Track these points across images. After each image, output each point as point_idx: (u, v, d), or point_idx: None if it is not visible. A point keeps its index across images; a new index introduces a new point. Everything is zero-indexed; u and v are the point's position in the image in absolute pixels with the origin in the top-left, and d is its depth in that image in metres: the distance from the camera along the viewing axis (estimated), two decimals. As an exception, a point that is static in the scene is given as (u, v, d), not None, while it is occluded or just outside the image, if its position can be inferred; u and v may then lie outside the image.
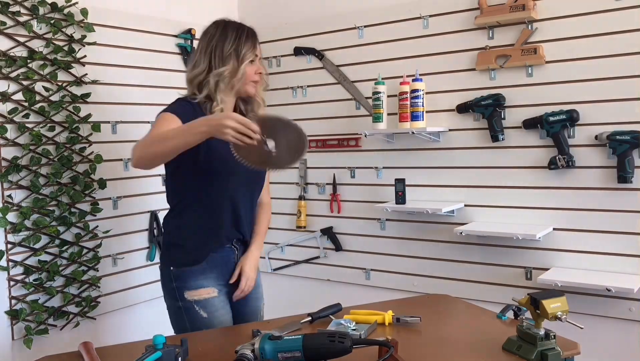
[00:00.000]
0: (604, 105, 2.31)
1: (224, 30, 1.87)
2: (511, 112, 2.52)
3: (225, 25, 1.90)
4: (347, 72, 2.98)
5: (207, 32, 1.91)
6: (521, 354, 1.51)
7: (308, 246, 3.19)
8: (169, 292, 1.84)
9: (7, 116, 2.28)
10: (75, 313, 2.51)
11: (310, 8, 3.11)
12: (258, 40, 1.96)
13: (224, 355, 1.62)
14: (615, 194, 2.30)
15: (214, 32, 1.88)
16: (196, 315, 1.80)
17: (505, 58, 2.50)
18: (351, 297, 2.77)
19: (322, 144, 3.07)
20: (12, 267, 2.30)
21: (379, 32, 2.85)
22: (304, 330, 1.78)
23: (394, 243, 2.89)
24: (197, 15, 3.12)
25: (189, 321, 1.80)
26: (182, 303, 1.80)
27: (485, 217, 2.62)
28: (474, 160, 2.63)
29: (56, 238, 2.43)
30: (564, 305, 1.51)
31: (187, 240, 1.83)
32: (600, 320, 2.35)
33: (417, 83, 2.60)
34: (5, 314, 2.30)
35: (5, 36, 2.28)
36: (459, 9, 2.61)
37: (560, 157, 2.36)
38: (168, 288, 1.83)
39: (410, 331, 1.76)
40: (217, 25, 1.90)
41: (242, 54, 1.85)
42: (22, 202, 2.33)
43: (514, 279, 2.55)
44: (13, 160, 2.28)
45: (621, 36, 2.25)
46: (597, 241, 2.36)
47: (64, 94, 2.46)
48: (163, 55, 2.92)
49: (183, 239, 1.84)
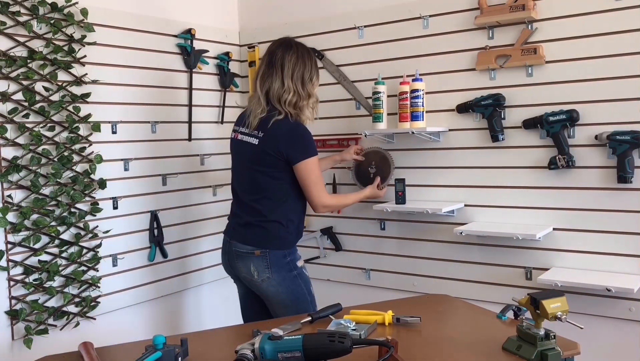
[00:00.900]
0: (604, 105, 2.31)
1: (307, 56, 2.26)
2: (511, 112, 2.52)
3: (304, 50, 2.27)
4: (347, 72, 2.98)
5: (290, 53, 2.22)
6: (521, 354, 1.51)
7: (308, 246, 3.18)
8: (283, 267, 2.23)
9: (7, 116, 2.28)
10: (75, 313, 2.51)
11: (310, 8, 3.11)
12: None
13: (224, 355, 1.62)
14: (615, 194, 2.30)
15: (295, 55, 2.22)
16: (306, 276, 2.33)
17: (505, 58, 2.50)
18: (351, 297, 2.78)
19: (322, 144, 3.07)
20: (12, 267, 2.30)
21: (379, 32, 2.85)
22: (304, 329, 1.78)
23: (394, 243, 2.89)
24: (197, 15, 3.13)
25: (304, 283, 2.29)
26: (295, 271, 2.27)
27: (485, 217, 2.62)
28: (474, 160, 2.63)
29: (56, 238, 2.42)
30: (564, 304, 1.51)
31: (292, 228, 2.30)
32: (600, 320, 2.35)
33: (417, 83, 2.60)
34: (5, 314, 2.30)
35: (5, 36, 2.28)
36: (459, 9, 2.61)
37: (560, 157, 2.36)
38: (282, 263, 2.23)
39: (410, 331, 1.76)
40: (297, 49, 2.24)
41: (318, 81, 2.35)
42: (22, 202, 2.33)
43: (514, 279, 2.55)
44: (13, 160, 2.28)
45: (621, 36, 2.25)
46: (597, 241, 2.36)
47: (64, 94, 2.46)
48: (163, 55, 2.92)
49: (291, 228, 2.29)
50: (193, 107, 3.07)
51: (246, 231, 2.26)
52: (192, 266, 3.07)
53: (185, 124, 3.05)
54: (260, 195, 2.23)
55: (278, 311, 2.26)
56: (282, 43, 2.25)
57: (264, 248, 2.22)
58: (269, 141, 2.18)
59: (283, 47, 2.23)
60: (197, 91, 3.10)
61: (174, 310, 3.03)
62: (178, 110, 3.01)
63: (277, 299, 2.25)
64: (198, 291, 3.14)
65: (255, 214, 2.24)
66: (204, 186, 3.15)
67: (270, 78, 2.20)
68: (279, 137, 2.16)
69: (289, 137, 2.17)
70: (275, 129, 2.17)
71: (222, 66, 3.23)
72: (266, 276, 2.22)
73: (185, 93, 3.05)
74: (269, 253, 2.21)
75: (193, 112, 3.07)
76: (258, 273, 2.23)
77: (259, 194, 2.24)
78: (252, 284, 2.28)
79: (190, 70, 3.05)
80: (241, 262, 2.26)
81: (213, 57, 3.19)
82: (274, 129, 2.17)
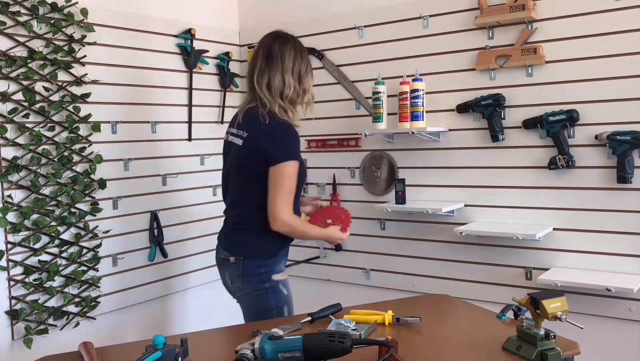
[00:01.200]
0: (604, 105, 2.31)
1: (302, 50, 2.13)
2: (511, 112, 2.52)
3: (300, 44, 2.14)
4: (347, 72, 2.98)
5: (287, 47, 2.09)
6: (521, 354, 1.51)
7: (308, 246, 3.19)
8: (255, 277, 2.06)
9: (7, 116, 2.28)
10: (75, 313, 2.51)
11: (310, 8, 3.11)
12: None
13: (224, 354, 1.62)
14: (615, 194, 2.30)
15: (294, 49, 2.10)
16: (282, 293, 2.09)
17: (505, 58, 2.50)
18: (351, 297, 2.77)
19: (322, 144, 3.07)
20: (12, 267, 2.30)
21: (379, 32, 2.85)
22: (304, 329, 1.78)
23: (394, 243, 2.89)
24: (197, 15, 3.13)
25: (275, 299, 2.07)
26: (268, 283, 2.07)
27: (485, 217, 2.62)
28: (474, 160, 2.63)
29: (56, 238, 2.42)
30: (564, 304, 1.51)
31: (274, 238, 2.09)
32: (600, 320, 2.35)
33: (417, 83, 2.60)
34: (5, 314, 2.30)
35: (5, 36, 2.28)
36: (459, 9, 2.61)
37: (560, 157, 2.36)
38: (254, 273, 2.06)
39: (410, 331, 1.76)
40: (294, 42, 2.12)
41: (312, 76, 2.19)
42: (22, 202, 2.33)
43: (514, 279, 2.55)
44: (13, 160, 2.28)
45: (621, 36, 2.25)
46: (597, 241, 2.36)
47: (64, 94, 2.46)
48: (163, 55, 2.92)
49: (273, 237, 2.09)
50: (193, 107, 3.07)
51: (227, 236, 2.16)
52: (193, 266, 3.07)
53: (185, 124, 3.05)
54: (243, 200, 2.11)
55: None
56: (278, 36, 2.12)
57: (239, 256, 2.08)
58: (252, 140, 2.03)
59: (280, 40, 2.10)
60: (197, 91, 3.10)
61: (174, 310, 3.03)
62: (178, 110, 3.01)
63: (245, 313, 2.13)
64: (198, 291, 3.14)
65: (237, 219, 2.13)
66: (204, 186, 3.15)
67: (269, 73, 2.06)
68: (263, 135, 2.01)
69: (273, 137, 2.01)
70: (260, 127, 2.01)
71: (222, 66, 3.23)
72: (237, 286, 2.10)
73: (185, 93, 3.05)
74: (242, 261, 2.07)
75: (193, 112, 3.07)
76: (231, 282, 2.12)
77: (242, 199, 2.11)
78: (229, 292, 2.20)
79: (190, 70, 3.05)
80: (220, 268, 2.18)
81: (213, 57, 3.19)
82: (259, 128, 2.01)
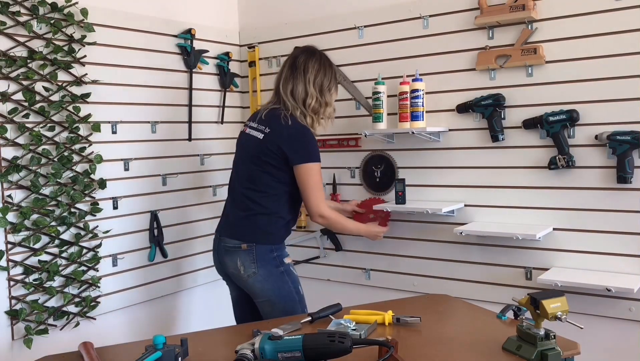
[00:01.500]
0: (604, 105, 2.30)
1: (327, 66, 2.34)
2: (511, 112, 2.52)
3: (326, 60, 2.36)
4: (347, 72, 2.98)
5: (312, 60, 2.31)
6: (521, 354, 1.51)
7: (308, 246, 3.19)
8: (269, 262, 2.25)
9: (7, 116, 2.28)
10: (75, 313, 2.51)
11: (310, 8, 3.11)
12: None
13: (224, 355, 1.62)
14: (615, 194, 2.30)
15: (318, 63, 2.31)
16: (294, 274, 2.32)
17: (505, 58, 2.50)
18: (351, 297, 2.77)
19: (322, 144, 3.06)
20: (12, 267, 2.30)
21: (379, 32, 2.85)
22: (304, 329, 1.78)
23: (394, 243, 2.89)
24: (197, 15, 3.13)
25: (292, 281, 2.29)
26: (282, 267, 2.28)
27: (485, 217, 2.62)
28: (474, 160, 2.63)
29: (56, 238, 2.42)
30: (564, 304, 1.51)
31: (281, 225, 2.32)
32: (600, 320, 2.35)
33: (417, 83, 2.60)
34: (5, 314, 2.30)
35: (5, 36, 2.28)
36: (459, 9, 2.61)
37: (560, 157, 2.36)
38: (268, 258, 2.24)
39: (410, 331, 1.76)
40: (320, 57, 2.34)
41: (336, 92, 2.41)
42: (22, 202, 2.33)
43: (514, 279, 2.55)
44: (13, 160, 2.28)
45: (621, 36, 2.25)
46: (597, 241, 2.35)
47: (64, 94, 2.46)
48: (163, 55, 2.92)
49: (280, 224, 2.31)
50: (193, 107, 3.07)
51: (235, 225, 2.29)
52: (192, 266, 3.07)
53: (185, 124, 3.05)
54: (254, 189, 2.26)
55: (265, 308, 2.27)
56: (306, 50, 2.36)
57: (251, 242, 2.23)
58: (273, 137, 2.22)
59: (307, 53, 2.32)
60: (197, 91, 3.10)
61: (174, 310, 3.03)
62: (178, 110, 3.01)
63: (264, 296, 2.26)
64: (198, 291, 3.14)
65: (247, 207, 2.27)
66: (204, 186, 3.15)
67: (294, 81, 2.27)
68: (284, 135, 2.21)
69: (294, 138, 2.22)
70: (281, 127, 2.22)
71: (222, 66, 3.23)
72: (252, 271, 2.24)
73: (185, 93, 3.05)
74: (255, 247, 2.24)
75: (193, 112, 3.06)
76: (244, 268, 2.24)
77: (253, 188, 2.27)
78: (239, 280, 2.29)
79: (190, 70, 3.05)
80: (228, 257, 2.28)
81: (213, 57, 3.19)
82: (280, 128, 2.22)
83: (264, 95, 3.28)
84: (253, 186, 2.27)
